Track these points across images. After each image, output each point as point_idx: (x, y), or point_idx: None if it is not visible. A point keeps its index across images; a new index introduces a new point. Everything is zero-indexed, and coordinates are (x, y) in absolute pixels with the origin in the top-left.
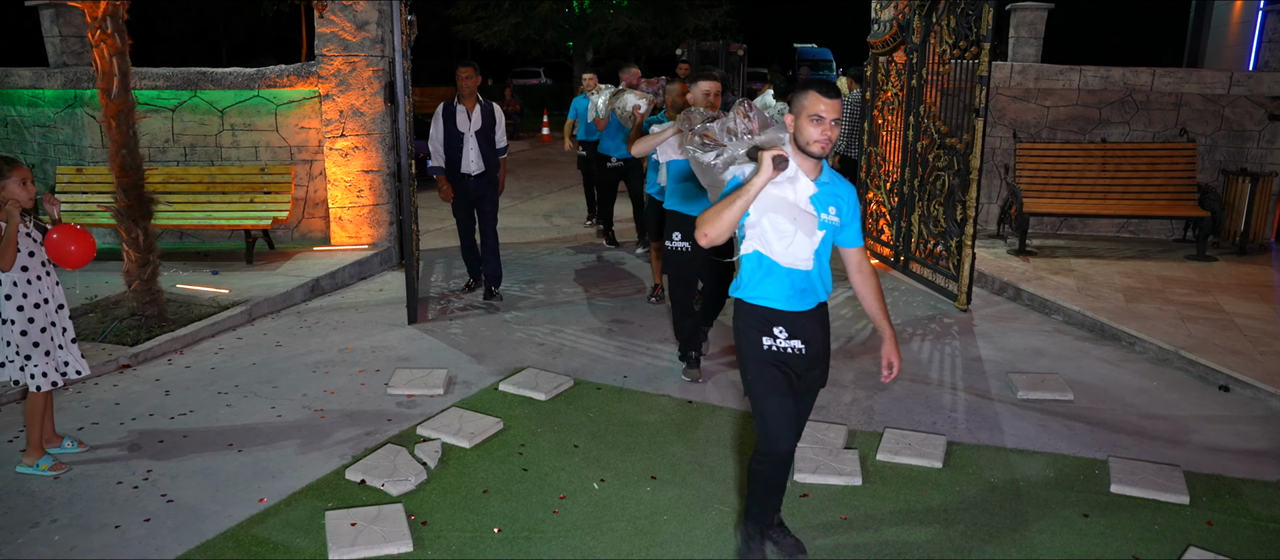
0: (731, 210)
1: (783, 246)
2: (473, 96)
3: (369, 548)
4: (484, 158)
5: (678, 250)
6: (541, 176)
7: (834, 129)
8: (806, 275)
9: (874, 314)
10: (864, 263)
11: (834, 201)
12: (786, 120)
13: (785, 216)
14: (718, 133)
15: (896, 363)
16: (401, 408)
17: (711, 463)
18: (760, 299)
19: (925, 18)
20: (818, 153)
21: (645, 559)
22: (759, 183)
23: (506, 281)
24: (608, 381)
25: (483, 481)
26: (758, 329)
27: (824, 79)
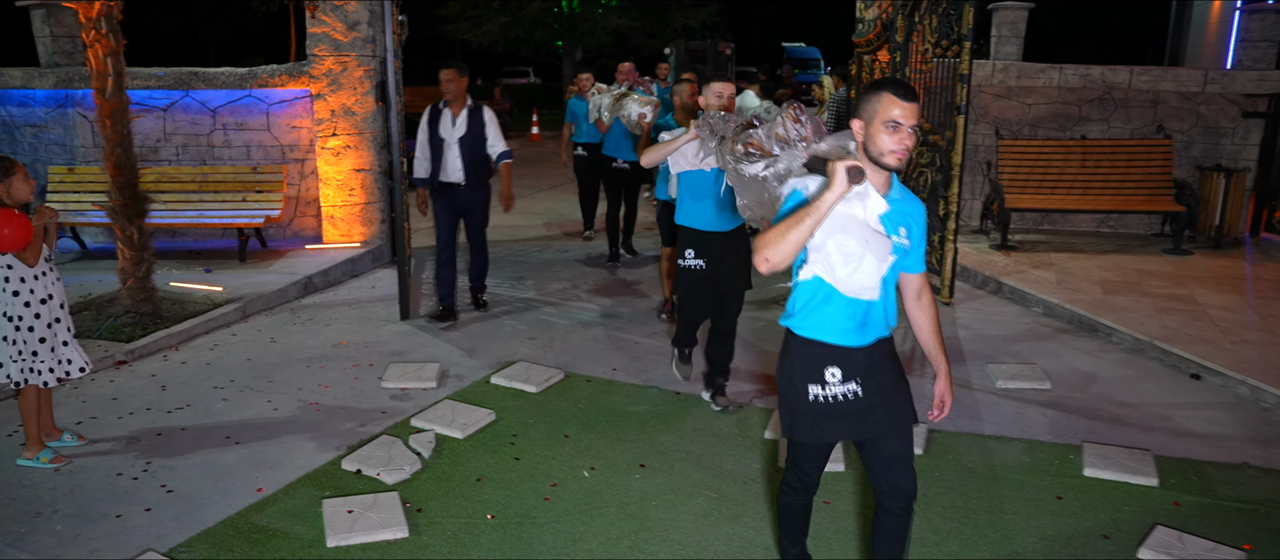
0: (798, 231)
1: (847, 272)
2: (459, 99)
3: (366, 534)
4: (468, 166)
5: (691, 268)
6: (531, 175)
7: (912, 137)
8: (870, 307)
9: (930, 348)
10: (925, 290)
11: (905, 221)
12: (854, 126)
13: (855, 238)
14: (764, 140)
15: (949, 402)
16: (395, 401)
17: (699, 451)
18: (814, 331)
19: (908, 17)
20: (893, 165)
21: (634, 543)
22: (831, 199)
23: (498, 279)
24: (597, 374)
25: (476, 470)
26: (806, 373)
27: (898, 79)
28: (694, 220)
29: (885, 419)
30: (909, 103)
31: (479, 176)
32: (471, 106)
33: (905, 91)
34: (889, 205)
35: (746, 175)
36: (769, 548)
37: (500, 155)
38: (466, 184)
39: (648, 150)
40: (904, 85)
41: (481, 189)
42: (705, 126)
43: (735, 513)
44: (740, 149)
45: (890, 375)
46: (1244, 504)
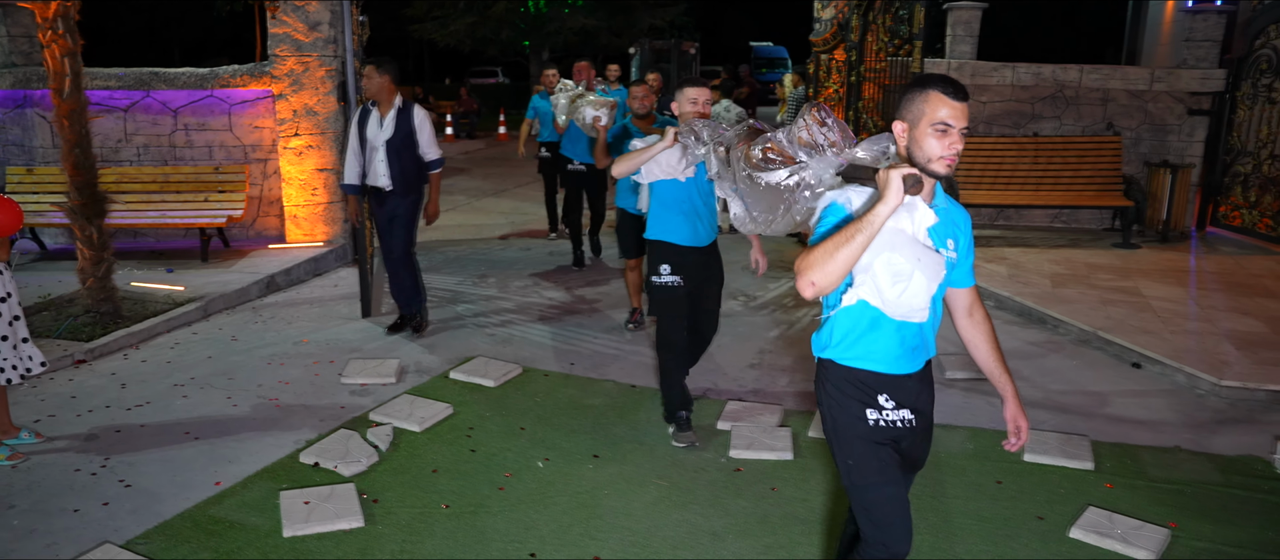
0: (848, 250)
1: (896, 293)
2: (386, 99)
3: (322, 524)
4: (395, 172)
5: (667, 285)
6: (497, 174)
7: (962, 141)
8: (920, 329)
9: (993, 369)
10: (977, 305)
11: (952, 232)
12: (896, 129)
13: (905, 255)
14: (787, 146)
15: (1024, 426)
16: (355, 396)
17: (651, 441)
18: (860, 360)
19: (863, 17)
20: (942, 172)
21: (585, 530)
22: (885, 213)
23: (460, 276)
24: (555, 368)
25: (432, 462)
26: (858, 400)
27: (946, 76)
28: (669, 234)
29: (921, 453)
30: (960, 102)
31: (408, 183)
32: (401, 107)
33: (955, 90)
34: (938, 216)
35: (764, 184)
36: (717, 533)
37: (431, 163)
38: (394, 190)
39: (619, 160)
40: (953, 82)
41: (411, 196)
42: (688, 134)
43: (685, 500)
44: (758, 154)
45: (930, 404)
46: (1173, 485)
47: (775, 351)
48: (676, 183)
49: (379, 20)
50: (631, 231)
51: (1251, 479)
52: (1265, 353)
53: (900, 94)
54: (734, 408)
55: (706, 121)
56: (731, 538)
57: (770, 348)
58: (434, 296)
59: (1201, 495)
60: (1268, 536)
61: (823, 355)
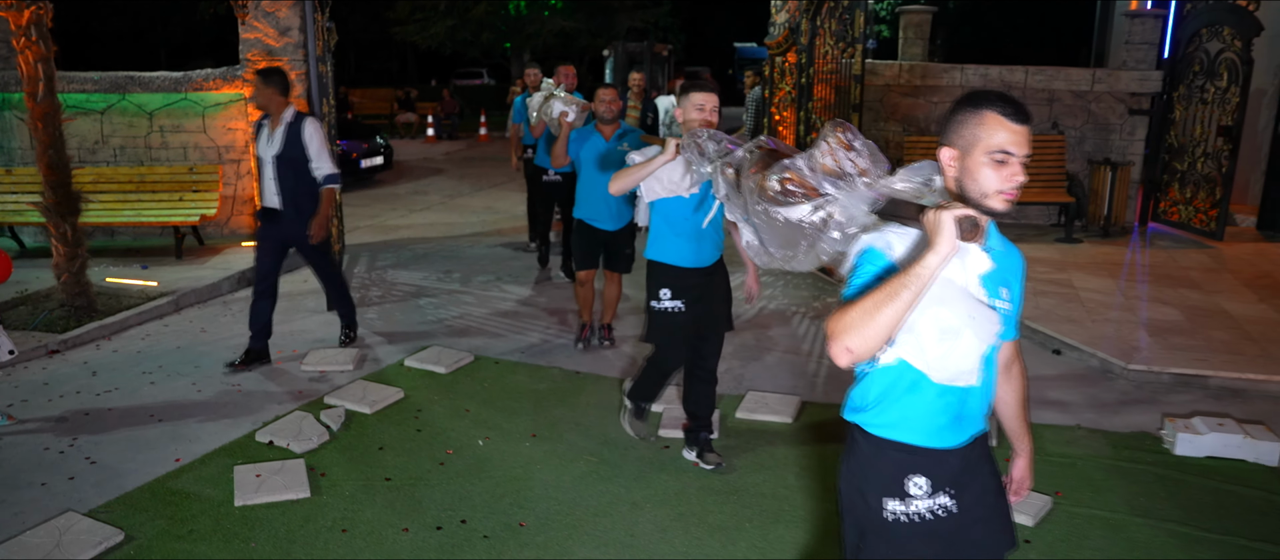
0: (892, 309)
1: (941, 352)
2: (275, 112)
3: (271, 495)
4: (285, 190)
5: (666, 312)
6: (474, 175)
7: (1024, 172)
8: (967, 395)
9: (1014, 427)
10: (1016, 360)
11: (1006, 279)
12: (943, 156)
13: (954, 310)
14: (808, 175)
15: (1028, 484)
16: (313, 383)
17: (588, 423)
18: (893, 429)
19: (811, 21)
20: (1000, 209)
21: (515, 500)
22: (936, 263)
23: (425, 272)
24: (506, 357)
25: (379, 440)
26: (882, 484)
27: (1004, 94)
28: (670, 255)
29: (981, 543)
30: (1021, 125)
31: (301, 203)
32: (291, 119)
33: (1016, 110)
34: (993, 262)
35: (782, 221)
36: (636, 502)
37: (324, 178)
38: (284, 211)
39: (617, 176)
40: (1013, 101)
41: (307, 217)
42: (692, 147)
43: (612, 474)
44: (775, 186)
45: (989, 482)
46: (1067, 459)
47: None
48: (680, 200)
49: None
50: (583, 242)
51: (1139, 453)
52: (1176, 339)
53: (948, 114)
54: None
55: (712, 132)
56: (649, 507)
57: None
58: (398, 291)
59: (1090, 468)
60: (1141, 502)
61: (853, 418)
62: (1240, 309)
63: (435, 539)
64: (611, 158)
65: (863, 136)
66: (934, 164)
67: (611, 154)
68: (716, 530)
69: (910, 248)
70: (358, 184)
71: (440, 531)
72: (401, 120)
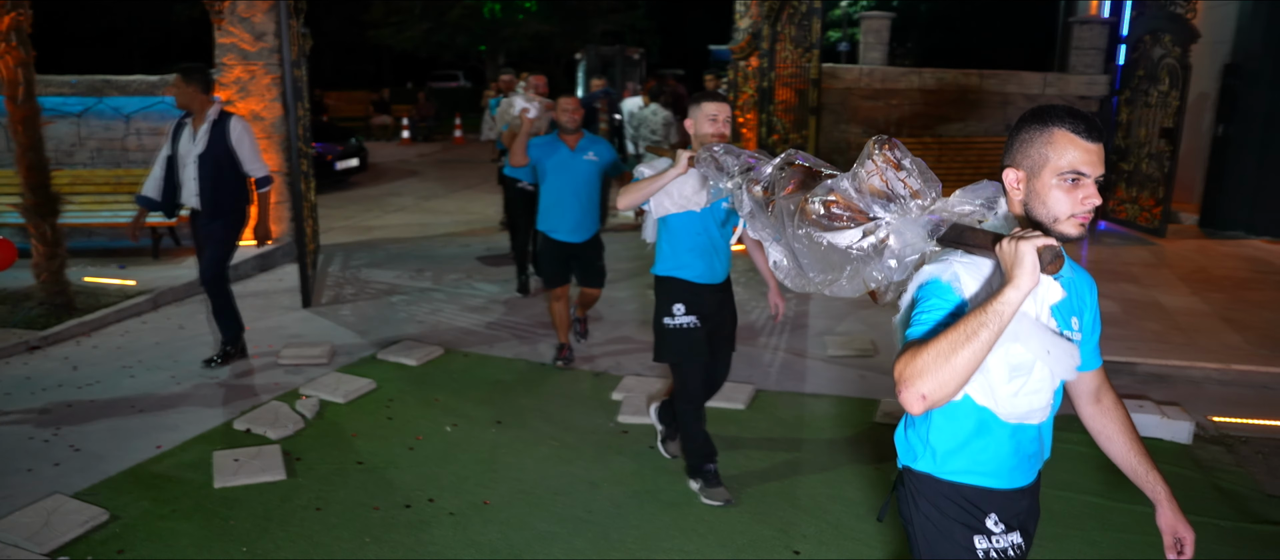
0: (970, 350)
1: (1012, 390)
2: (199, 110)
3: (248, 477)
4: (206, 190)
5: (681, 328)
6: (448, 177)
7: (1098, 195)
8: (1038, 433)
9: (1134, 467)
10: (1106, 388)
11: (1077, 307)
12: (1007, 178)
13: (1029, 345)
14: (855, 198)
15: (1188, 538)
16: (289, 375)
17: (552, 410)
18: (964, 473)
19: (772, 26)
20: (1073, 235)
21: (480, 481)
22: (1016, 299)
23: (398, 271)
24: (475, 350)
25: (352, 427)
26: (964, 522)
27: (1073, 109)
28: (682, 270)
29: None
30: (1094, 143)
31: (220, 203)
32: (216, 118)
33: (1088, 127)
34: (1065, 291)
35: (825, 245)
36: (594, 482)
37: (259, 180)
38: (203, 211)
39: (625, 191)
40: (1084, 117)
41: (221, 219)
42: (708, 161)
43: (572, 457)
44: (819, 208)
45: (1036, 523)
46: None
47: None
48: (692, 215)
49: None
50: (550, 257)
51: (1066, 434)
52: (1111, 329)
53: (1012, 131)
54: (631, 381)
55: (727, 146)
56: (607, 486)
57: None
58: (372, 289)
59: None
60: (1062, 477)
61: (914, 466)
62: (1173, 302)
63: (404, 516)
64: (576, 168)
65: (911, 154)
66: (995, 184)
67: (576, 164)
68: (669, 506)
69: (982, 281)
70: (333, 186)
71: (409, 509)
72: (377, 123)
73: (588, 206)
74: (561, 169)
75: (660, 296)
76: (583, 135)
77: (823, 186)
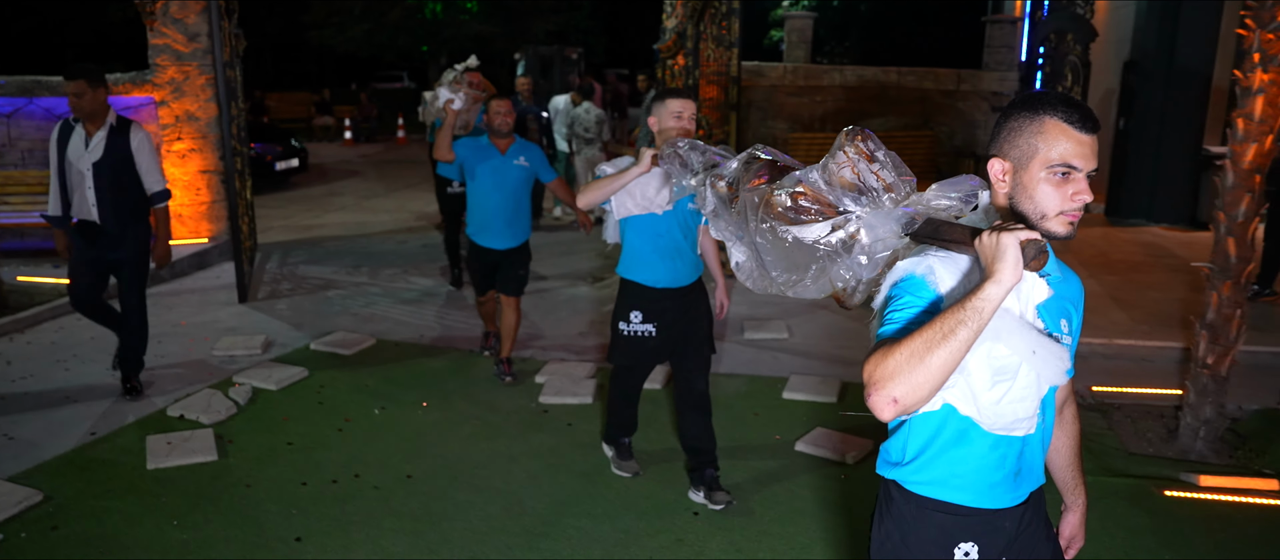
0: (947, 350)
1: (995, 397)
2: (93, 116)
3: (180, 458)
4: (106, 203)
5: (635, 336)
6: (389, 176)
7: (1089, 191)
8: (1023, 445)
9: (1067, 478)
10: (1070, 401)
11: (1066, 308)
12: (993, 171)
13: (1013, 346)
14: (824, 190)
15: (1080, 542)
16: (223, 365)
17: (477, 393)
18: (938, 487)
19: (696, 27)
20: (1062, 233)
21: (405, 457)
22: (997, 296)
23: (334, 266)
24: (406, 339)
25: (283, 412)
26: (925, 550)
27: (1068, 97)
28: (645, 275)
29: None
30: (1088, 134)
31: (123, 218)
32: (114, 124)
33: (1083, 117)
34: (1051, 289)
35: (791, 240)
36: (513, 457)
37: (154, 195)
38: (106, 226)
39: (586, 190)
40: (1078, 106)
41: (133, 233)
42: (672, 158)
43: (494, 435)
44: (785, 200)
45: (1047, 546)
46: None
47: (604, 321)
48: (654, 217)
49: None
50: (477, 263)
51: None
52: None
53: (999, 120)
54: (554, 366)
55: (693, 142)
56: (524, 459)
57: (602, 318)
58: (308, 284)
59: None
60: None
61: (890, 474)
62: None
63: (331, 490)
64: (506, 173)
65: (884, 146)
66: (975, 179)
67: (506, 169)
68: (580, 475)
69: (959, 277)
70: (273, 186)
71: (335, 484)
72: (319, 124)
73: (517, 213)
74: (491, 173)
75: (620, 299)
76: (514, 140)
77: (790, 178)
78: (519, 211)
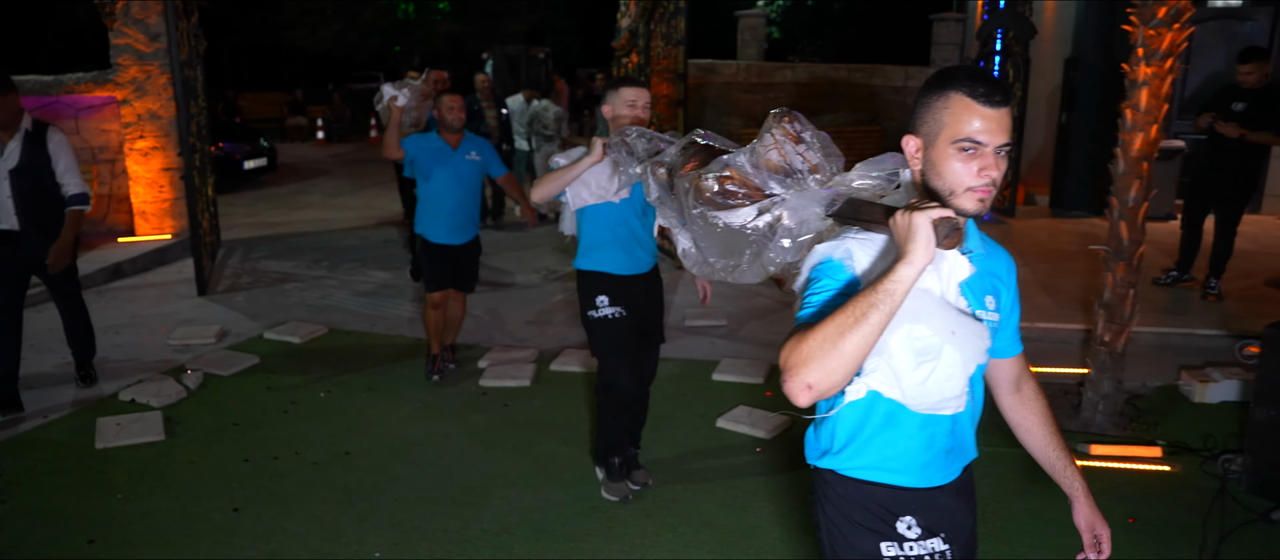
0: (859, 334)
1: (919, 377)
2: (6, 125)
3: (128, 439)
4: (26, 208)
5: (608, 319)
6: (357, 175)
7: (1001, 165)
8: (953, 423)
9: (1052, 462)
10: (1026, 378)
11: (992, 285)
12: (907, 147)
13: (933, 326)
14: (751, 174)
15: (1105, 535)
16: (178, 353)
17: (420, 378)
18: (872, 471)
19: (647, 25)
20: (972, 209)
21: (348, 436)
22: (910, 276)
23: (295, 261)
24: (358, 329)
25: (231, 396)
26: (870, 527)
27: (975, 70)
28: (603, 264)
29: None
30: (995, 108)
31: (46, 222)
32: (30, 130)
33: (988, 89)
34: (973, 265)
35: (721, 226)
36: (448, 435)
37: (72, 198)
38: (24, 231)
39: (540, 182)
40: (987, 79)
41: (53, 237)
42: (620, 146)
43: (433, 415)
44: (712, 185)
45: (970, 520)
46: None
47: (553, 311)
48: (610, 206)
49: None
50: (430, 260)
51: None
52: None
53: (917, 96)
54: (497, 353)
55: (642, 130)
56: (459, 437)
57: (551, 307)
58: (268, 277)
59: None
60: None
61: (819, 464)
62: None
63: (272, 467)
64: (460, 168)
65: (814, 127)
66: (898, 156)
67: (460, 165)
68: (510, 451)
69: (876, 257)
70: (241, 185)
71: (277, 460)
72: (292, 124)
73: (471, 208)
74: (449, 172)
75: (582, 290)
76: (464, 135)
77: (718, 162)
78: (473, 206)
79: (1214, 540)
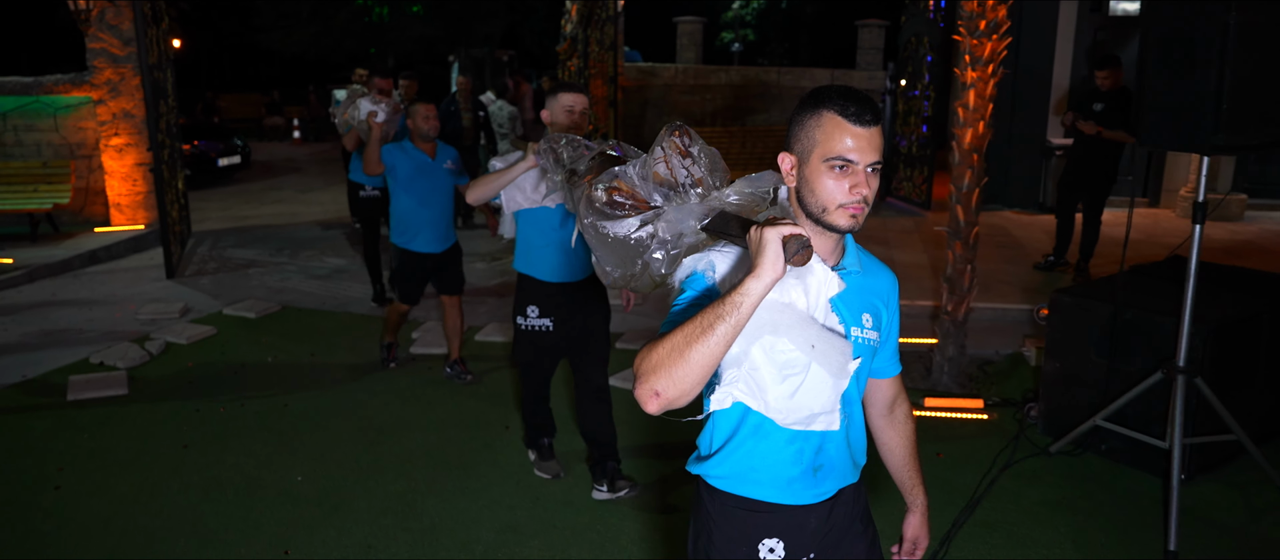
0: (704, 346)
1: (785, 392)
2: None
3: (96, 392)
4: None
5: (533, 330)
6: (330, 173)
7: (872, 183)
8: (824, 441)
9: (905, 478)
10: (901, 400)
11: (869, 303)
12: (783, 165)
13: (795, 339)
14: (638, 184)
15: (924, 543)
16: (143, 325)
17: (360, 346)
18: (737, 482)
19: (585, 31)
20: (845, 226)
21: (286, 391)
22: (758, 290)
23: (259, 249)
24: (309, 307)
25: (189, 359)
26: (732, 547)
27: (848, 89)
28: (537, 269)
29: None
30: (865, 127)
31: None
32: None
33: (859, 109)
34: (845, 282)
35: (609, 236)
36: (375, 392)
37: None
38: None
39: (475, 184)
40: (858, 98)
41: None
42: (547, 152)
43: (363, 375)
44: (601, 195)
45: (861, 544)
46: None
47: (487, 292)
48: (545, 210)
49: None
50: (414, 272)
51: None
52: None
53: (792, 114)
54: (432, 325)
55: (571, 138)
56: (386, 395)
57: (486, 289)
58: (232, 264)
59: None
60: None
61: (696, 470)
62: (904, 257)
63: (218, 415)
64: (437, 177)
65: (703, 141)
66: (772, 174)
67: (437, 173)
68: (425, 403)
69: (730, 270)
70: (215, 181)
71: (223, 411)
72: (269, 123)
73: (448, 214)
74: (423, 178)
75: (517, 294)
76: (436, 143)
77: (608, 173)
78: (451, 212)
79: (997, 469)
